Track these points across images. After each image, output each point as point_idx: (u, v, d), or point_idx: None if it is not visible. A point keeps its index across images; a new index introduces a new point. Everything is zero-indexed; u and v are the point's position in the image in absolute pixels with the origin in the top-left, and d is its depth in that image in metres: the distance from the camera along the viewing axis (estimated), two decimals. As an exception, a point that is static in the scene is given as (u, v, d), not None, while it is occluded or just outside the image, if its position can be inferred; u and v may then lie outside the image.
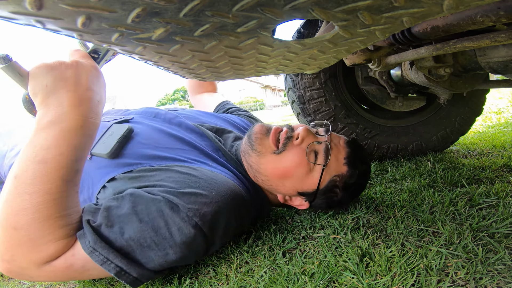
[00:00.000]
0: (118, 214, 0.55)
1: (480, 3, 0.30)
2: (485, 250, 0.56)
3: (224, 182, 0.63)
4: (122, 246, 0.54)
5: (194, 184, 0.59)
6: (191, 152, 0.71)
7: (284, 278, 0.56)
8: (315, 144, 0.72)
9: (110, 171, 0.66)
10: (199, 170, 0.64)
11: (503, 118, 2.44)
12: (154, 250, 0.55)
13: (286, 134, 0.72)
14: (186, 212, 0.55)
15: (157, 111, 0.88)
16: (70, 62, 0.56)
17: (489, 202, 0.77)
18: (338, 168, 0.73)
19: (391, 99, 1.27)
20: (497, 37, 0.59)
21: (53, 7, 0.26)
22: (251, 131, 0.76)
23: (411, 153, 1.36)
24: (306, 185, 0.72)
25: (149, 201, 0.56)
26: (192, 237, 0.56)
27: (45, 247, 0.51)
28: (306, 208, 0.77)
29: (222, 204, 0.59)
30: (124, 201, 0.56)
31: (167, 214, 0.55)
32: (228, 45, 0.39)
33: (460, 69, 0.92)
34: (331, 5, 0.31)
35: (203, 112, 1.00)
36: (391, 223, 0.72)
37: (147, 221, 0.54)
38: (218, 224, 0.59)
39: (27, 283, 0.73)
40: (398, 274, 0.53)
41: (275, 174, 0.72)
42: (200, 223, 0.56)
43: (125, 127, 0.72)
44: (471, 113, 1.37)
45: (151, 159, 0.67)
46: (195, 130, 0.81)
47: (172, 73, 0.55)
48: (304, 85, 1.26)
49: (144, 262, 0.55)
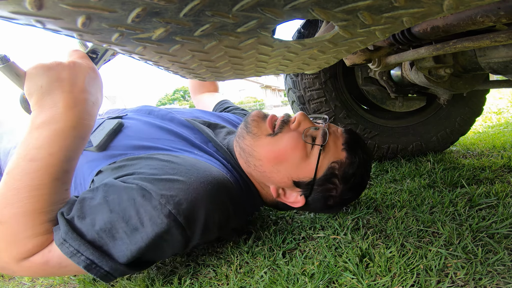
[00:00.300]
0: (90, 205, 0.53)
1: (480, 3, 0.30)
2: (485, 251, 0.56)
3: (207, 168, 0.59)
4: (94, 238, 0.51)
5: (172, 171, 0.55)
6: (178, 143, 0.70)
7: (284, 279, 0.56)
8: (312, 130, 0.69)
9: (98, 164, 0.66)
10: (182, 158, 0.61)
11: (503, 118, 2.44)
12: (126, 242, 0.52)
13: (283, 118, 0.71)
14: (159, 199, 0.51)
15: (151, 108, 0.88)
16: (67, 62, 0.56)
17: (489, 202, 0.77)
18: (337, 154, 0.68)
19: (391, 99, 1.27)
20: (497, 37, 0.59)
21: (53, 7, 0.26)
22: (248, 116, 0.74)
23: (411, 154, 1.36)
24: (302, 172, 0.67)
25: (121, 190, 0.53)
26: (165, 228, 0.51)
27: (23, 242, 0.51)
28: (301, 206, 0.70)
29: (202, 192, 0.54)
30: (97, 192, 0.54)
31: (139, 202, 0.51)
32: (228, 45, 0.39)
33: (460, 70, 0.92)
34: (331, 5, 0.31)
35: (199, 111, 1.00)
36: (391, 223, 0.71)
37: (118, 211, 0.51)
38: (197, 214, 0.54)
39: (27, 283, 0.73)
40: (397, 274, 0.53)
41: (269, 158, 0.67)
42: (174, 211, 0.51)
43: (115, 121, 0.72)
44: (471, 113, 1.37)
45: (135, 149, 0.66)
46: (186, 125, 0.80)
47: (172, 73, 0.54)
48: (304, 85, 1.26)
49: (117, 256, 0.52)
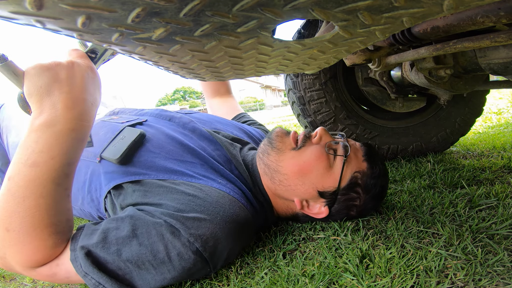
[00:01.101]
0: (117, 236, 0.55)
1: (480, 3, 0.30)
2: (485, 252, 0.56)
3: (231, 205, 0.62)
4: (119, 267, 0.54)
5: (198, 208, 0.58)
6: (201, 167, 0.70)
7: (284, 280, 0.56)
8: (333, 143, 0.73)
9: (117, 177, 0.67)
10: (206, 191, 0.63)
11: (503, 119, 2.44)
12: (152, 273, 0.55)
13: (305, 133, 0.75)
14: (188, 238, 0.54)
15: (172, 114, 0.87)
16: (66, 62, 0.55)
17: (489, 203, 0.77)
18: (358, 164, 0.72)
19: (391, 100, 1.27)
20: (497, 37, 0.59)
21: (53, 7, 0.26)
22: (271, 133, 0.78)
23: (411, 154, 1.36)
24: (327, 181, 0.70)
25: (149, 225, 0.55)
26: (192, 262, 0.55)
27: (31, 253, 0.53)
28: (324, 217, 0.73)
29: (226, 230, 0.58)
30: (124, 223, 0.56)
31: (167, 238, 0.54)
32: (228, 45, 0.39)
33: (461, 70, 0.92)
34: (331, 5, 0.31)
35: (220, 119, 1.00)
36: (391, 224, 0.71)
37: (147, 245, 0.54)
38: (221, 250, 0.58)
39: (28, 284, 0.73)
40: (397, 275, 0.53)
41: (295, 170, 0.70)
42: (201, 248, 0.55)
43: (137, 132, 0.72)
44: (471, 114, 1.37)
45: (159, 170, 0.66)
46: (208, 138, 0.80)
47: (172, 73, 0.54)
48: (304, 86, 1.26)
49: (140, 285, 0.55)
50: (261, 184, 0.75)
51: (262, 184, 0.75)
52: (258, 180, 0.76)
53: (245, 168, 0.76)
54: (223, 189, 0.66)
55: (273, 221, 0.80)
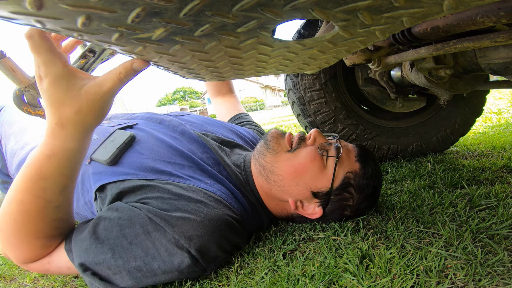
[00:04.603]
0: (108, 237, 0.57)
1: (480, 3, 0.30)
2: (485, 252, 0.56)
3: (216, 204, 0.63)
4: (110, 266, 0.56)
5: (183, 207, 0.59)
6: (189, 169, 0.70)
7: (284, 280, 0.56)
8: (326, 145, 0.74)
9: (104, 178, 0.67)
10: (192, 191, 0.64)
11: (503, 119, 2.44)
12: (142, 271, 0.56)
13: (299, 136, 0.76)
14: (173, 235, 0.56)
15: (162, 117, 0.88)
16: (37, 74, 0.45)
17: (489, 203, 0.77)
18: (351, 165, 0.73)
19: (391, 100, 1.27)
20: (497, 37, 0.59)
21: (53, 7, 0.26)
22: (267, 134, 0.79)
23: (411, 154, 1.36)
24: (320, 182, 0.71)
25: (135, 223, 0.57)
26: (180, 258, 0.56)
27: (20, 252, 0.58)
28: (318, 217, 0.74)
29: (211, 228, 0.59)
30: (111, 223, 0.58)
31: (154, 236, 0.56)
32: (228, 45, 0.39)
33: (461, 70, 0.92)
34: (331, 5, 0.30)
35: (211, 120, 1.00)
36: (391, 224, 0.71)
37: (136, 243, 0.56)
38: (208, 247, 0.59)
39: (29, 284, 0.73)
40: (397, 275, 0.53)
41: (290, 172, 0.71)
42: (187, 245, 0.56)
43: (127, 134, 0.73)
44: (471, 114, 1.37)
45: (147, 171, 0.67)
46: (197, 141, 0.81)
47: (172, 73, 0.54)
48: (304, 86, 1.26)
49: (132, 284, 0.57)
50: (253, 184, 0.76)
51: (254, 185, 0.76)
52: (250, 181, 0.76)
53: (234, 169, 0.77)
54: (209, 189, 0.66)
55: (272, 221, 0.80)
